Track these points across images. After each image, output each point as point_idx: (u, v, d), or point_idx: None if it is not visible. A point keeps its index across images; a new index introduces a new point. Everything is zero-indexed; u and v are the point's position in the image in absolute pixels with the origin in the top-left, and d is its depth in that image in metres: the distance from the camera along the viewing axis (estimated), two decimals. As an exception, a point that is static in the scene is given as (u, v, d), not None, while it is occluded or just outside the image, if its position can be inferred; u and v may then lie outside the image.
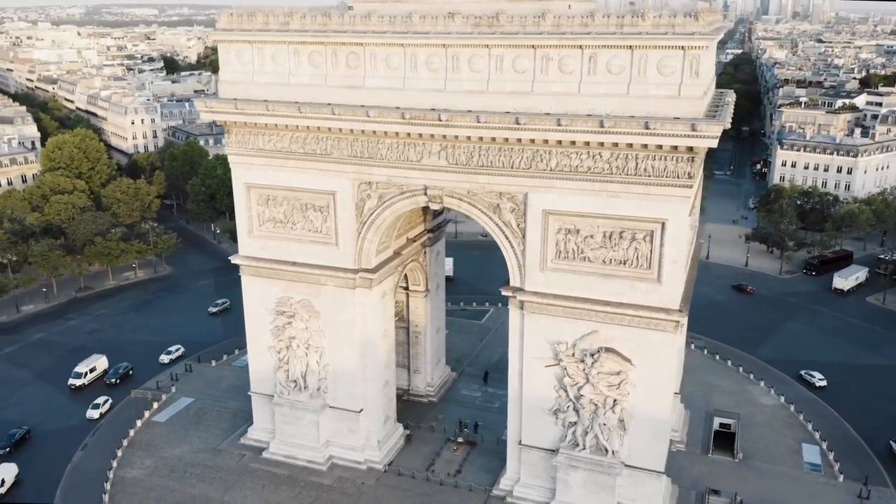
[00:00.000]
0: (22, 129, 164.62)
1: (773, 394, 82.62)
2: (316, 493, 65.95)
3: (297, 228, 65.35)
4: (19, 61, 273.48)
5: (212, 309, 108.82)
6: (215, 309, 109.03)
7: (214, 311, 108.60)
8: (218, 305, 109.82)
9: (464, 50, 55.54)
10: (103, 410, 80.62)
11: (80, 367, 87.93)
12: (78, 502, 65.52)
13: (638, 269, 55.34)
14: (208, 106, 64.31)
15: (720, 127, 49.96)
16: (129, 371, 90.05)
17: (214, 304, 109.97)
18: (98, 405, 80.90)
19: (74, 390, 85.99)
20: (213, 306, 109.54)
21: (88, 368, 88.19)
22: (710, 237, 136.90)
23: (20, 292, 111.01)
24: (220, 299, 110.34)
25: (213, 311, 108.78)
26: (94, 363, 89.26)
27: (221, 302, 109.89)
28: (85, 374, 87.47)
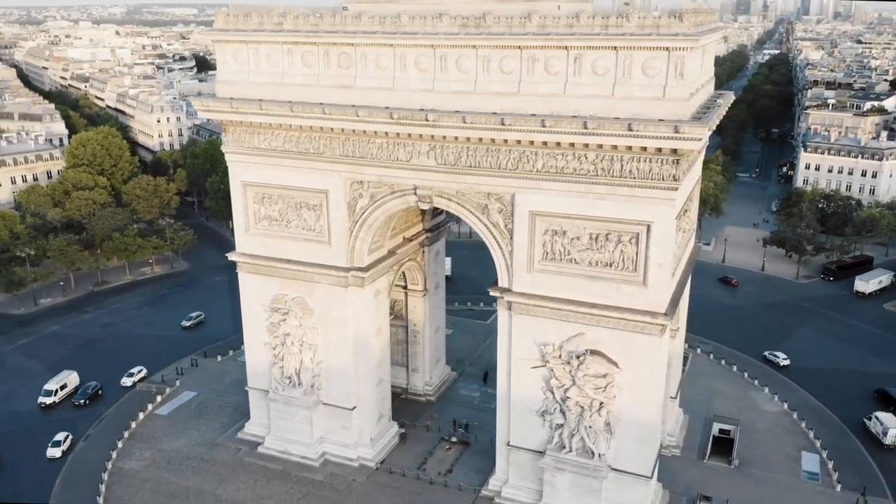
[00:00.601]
0: (50, 127, 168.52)
1: (776, 400, 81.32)
2: (307, 488, 66.63)
3: (291, 226, 66.09)
4: (54, 59, 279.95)
5: (185, 323, 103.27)
6: (189, 322, 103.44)
7: (188, 325, 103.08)
8: (192, 319, 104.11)
9: (451, 50, 55.70)
10: (65, 448, 73.67)
11: (50, 384, 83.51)
12: (76, 492, 67.02)
13: (624, 271, 54.98)
14: (205, 105, 65.38)
15: (704, 129, 49.42)
16: (99, 391, 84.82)
17: (188, 318, 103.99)
18: (59, 443, 73.77)
19: (45, 409, 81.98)
20: (187, 319, 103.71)
21: (59, 386, 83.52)
22: (727, 240, 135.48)
23: (39, 286, 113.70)
24: (195, 312, 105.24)
25: (187, 324, 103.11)
26: (65, 380, 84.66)
27: (196, 315, 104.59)
28: (55, 391, 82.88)
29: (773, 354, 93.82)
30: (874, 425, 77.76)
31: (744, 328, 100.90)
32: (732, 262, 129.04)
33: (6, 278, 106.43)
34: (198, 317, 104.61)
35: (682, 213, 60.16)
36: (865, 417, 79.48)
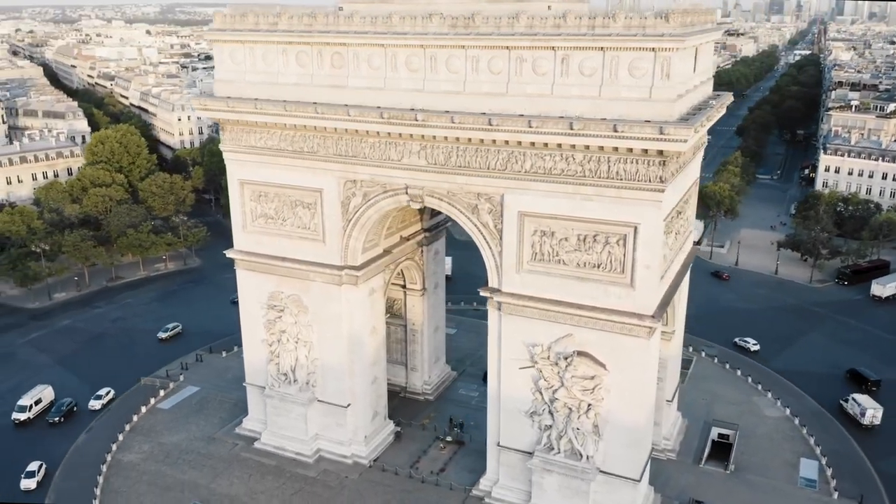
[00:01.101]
0: (73, 124, 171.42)
1: (779, 405, 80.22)
2: (299, 484, 67.21)
3: (286, 225, 66.71)
4: (82, 58, 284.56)
5: (161, 335, 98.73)
6: (165, 334, 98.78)
7: (164, 338, 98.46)
8: (168, 330, 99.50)
9: (441, 51, 55.83)
10: (40, 479, 69.04)
11: (24, 399, 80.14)
12: (75, 483, 68.26)
13: (611, 273, 54.72)
14: (202, 104, 66.27)
15: (689, 131, 48.99)
16: (73, 407, 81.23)
17: (164, 329, 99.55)
18: (32, 473, 69.10)
19: (18, 426, 78.55)
20: (164, 331, 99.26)
21: (33, 401, 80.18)
22: (742, 243, 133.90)
23: (54, 280, 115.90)
24: (172, 323, 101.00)
25: (163, 336, 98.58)
26: (40, 394, 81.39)
27: (172, 326, 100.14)
28: (29, 407, 79.51)
29: (743, 340, 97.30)
30: (852, 407, 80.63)
31: (752, 332, 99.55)
32: (746, 265, 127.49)
33: (21, 272, 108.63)
34: (174, 328, 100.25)
35: (675, 214, 59.72)
36: (842, 399, 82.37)
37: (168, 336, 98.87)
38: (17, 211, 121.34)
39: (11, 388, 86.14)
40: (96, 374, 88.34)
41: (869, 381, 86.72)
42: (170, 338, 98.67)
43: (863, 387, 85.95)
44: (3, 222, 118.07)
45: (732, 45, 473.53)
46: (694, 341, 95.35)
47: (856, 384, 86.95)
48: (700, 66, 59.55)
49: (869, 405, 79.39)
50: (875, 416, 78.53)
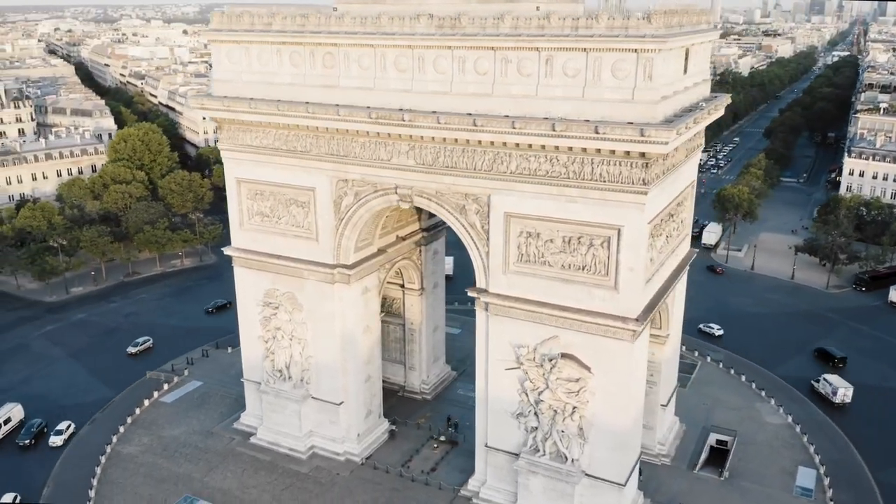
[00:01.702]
0: (100, 122, 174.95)
1: (781, 412, 78.88)
2: (291, 480, 67.90)
3: (281, 223, 67.43)
4: (115, 57, 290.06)
5: (131, 349, 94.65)
6: (135, 349, 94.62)
7: (134, 352, 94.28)
8: (138, 345, 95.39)
9: (428, 51, 56.01)
10: None
11: None
12: (74, 472, 69.73)
13: (596, 275, 54.39)
14: (200, 103, 67.34)
15: (670, 133, 48.47)
16: (44, 428, 76.96)
17: (134, 344, 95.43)
18: None
19: None
20: (133, 346, 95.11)
21: (2, 420, 76.70)
22: (759, 247, 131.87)
23: (73, 275, 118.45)
24: (142, 337, 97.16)
25: (133, 351, 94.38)
26: (9, 413, 77.61)
27: (143, 340, 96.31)
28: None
29: (707, 326, 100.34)
30: (823, 386, 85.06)
31: (762, 338, 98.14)
32: (762, 270, 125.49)
33: (39, 267, 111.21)
34: (144, 342, 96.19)
35: (666, 217, 59.18)
36: (814, 380, 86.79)
37: (138, 351, 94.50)
38: (38, 207, 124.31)
39: (23, 380, 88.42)
40: (105, 368, 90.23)
41: (835, 359, 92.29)
42: (140, 353, 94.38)
43: (830, 364, 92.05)
44: (24, 217, 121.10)
45: (768, 46, 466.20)
46: (700, 346, 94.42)
47: (823, 362, 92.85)
48: (693, 67, 58.90)
49: (840, 384, 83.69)
50: (846, 395, 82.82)
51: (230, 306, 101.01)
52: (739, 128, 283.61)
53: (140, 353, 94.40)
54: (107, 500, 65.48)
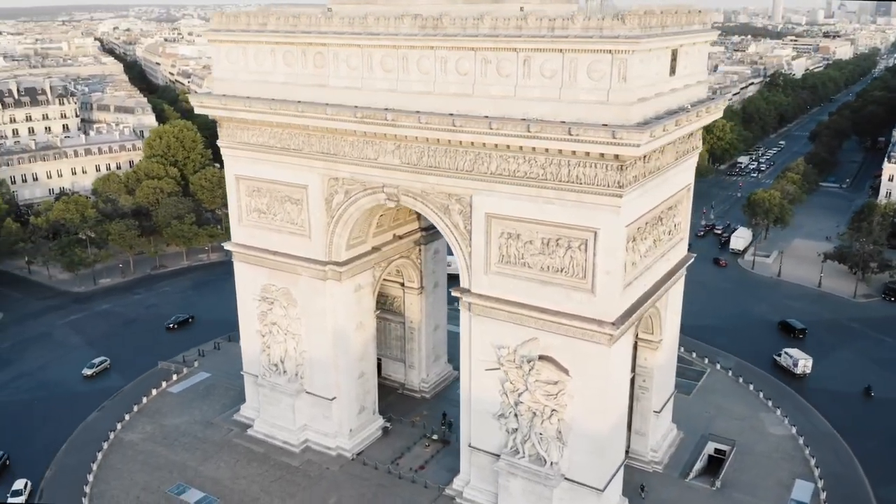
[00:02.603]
0: (141, 119, 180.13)
1: (786, 423, 76.84)
2: (281, 472, 69.06)
3: (276, 219, 68.62)
4: (165, 56, 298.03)
5: (87, 371, 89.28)
6: (91, 371, 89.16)
7: (90, 374, 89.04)
8: (94, 366, 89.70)
9: (412, 51, 56.34)
10: None
11: None
12: (77, 458, 72.09)
13: (573, 277, 53.99)
14: (199, 101, 69.01)
15: (643, 136, 47.76)
16: (6, 461, 72.57)
17: (90, 365, 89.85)
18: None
19: None
20: (89, 367, 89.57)
21: None
22: (787, 253, 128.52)
23: (102, 267, 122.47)
24: (99, 357, 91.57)
25: (89, 373, 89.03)
26: None
27: (99, 361, 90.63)
28: None
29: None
30: (784, 359, 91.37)
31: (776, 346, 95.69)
32: (788, 277, 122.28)
33: (68, 258, 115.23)
34: (101, 363, 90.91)
35: (653, 221, 58.40)
36: (775, 354, 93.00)
37: (93, 373, 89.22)
38: (72, 200, 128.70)
39: (41, 367, 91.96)
40: (120, 356, 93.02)
41: (796, 330, 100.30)
42: (95, 374, 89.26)
43: (791, 335, 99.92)
44: (58, 210, 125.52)
45: (825, 48, 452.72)
46: (710, 352, 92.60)
47: (786, 333, 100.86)
48: (684, 69, 57.80)
49: (800, 356, 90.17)
50: (806, 366, 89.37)
51: (193, 321, 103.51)
52: (788, 131, 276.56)
53: (97, 374, 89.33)
54: (103, 485, 67.65)
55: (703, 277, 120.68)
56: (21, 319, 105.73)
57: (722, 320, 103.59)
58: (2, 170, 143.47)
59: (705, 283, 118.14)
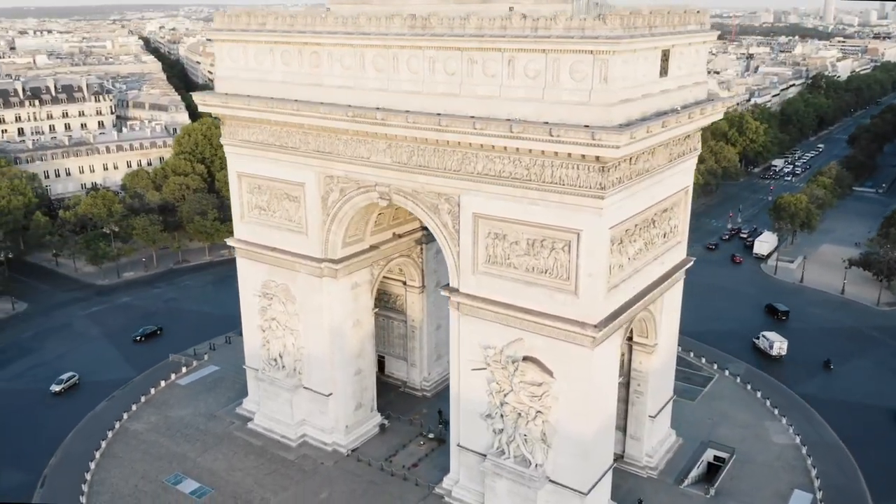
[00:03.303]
0: (174, 117, 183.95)
1: (791, 432, 75.22)
2: (276, 465, 70.02)
3: (276, 216, 69.58)
4: (205, 55, 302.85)
5: (55, 387, 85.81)
6: (59, 387, 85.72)
7: (58, 391, 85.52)
8: (62, 382, 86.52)
9: (402, 51, 56.65)
10: None
11: None
12: (83, 445, 73.96)
13: (557, 279, 53.73)
14: (202, 99, 70.31)
15: (622, 137, 47.22)
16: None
17: (58, 381, 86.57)
18: None
19: None
20: (57, 383, 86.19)
21: None
22: (806, 258, 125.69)
23: (127, 261, 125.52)
24: (67, 373, 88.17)
25: (57, 389, 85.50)
26: None
27: (67, 377, 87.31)
28: None
29: None
30: (762, 342, 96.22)
31: (792, 354, 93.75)
32: (811, 283, 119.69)
33: (92, 252, 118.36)
34: (69, 379, 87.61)
35: (644, 223, 57.80)
36: (754, 338, 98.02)
37: (61, 389, 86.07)
38: (99, 195, 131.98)
39: (58, 356, 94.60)
40: (133, 348, 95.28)
41: (779, 312, 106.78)
42: (63, 391, 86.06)
43: (775, 317, 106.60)
44: (86, 205, 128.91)
45: (874, 49, 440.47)
46: (719, 358, 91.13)
47: (771, 316, 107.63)
48: (679, 69, 57.03)
49: (776, 339, 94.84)
50: (781, 348, 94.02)
51: (161, 333, 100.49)
52: (829, 134, 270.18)
53: (64, 391, 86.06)
54: (104, 472, 69.39)
55: (720, 280, 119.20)
56: (45, 310, 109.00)
57: (736, 325, 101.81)
58: (36, 165, 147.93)
59: (723, 286, 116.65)
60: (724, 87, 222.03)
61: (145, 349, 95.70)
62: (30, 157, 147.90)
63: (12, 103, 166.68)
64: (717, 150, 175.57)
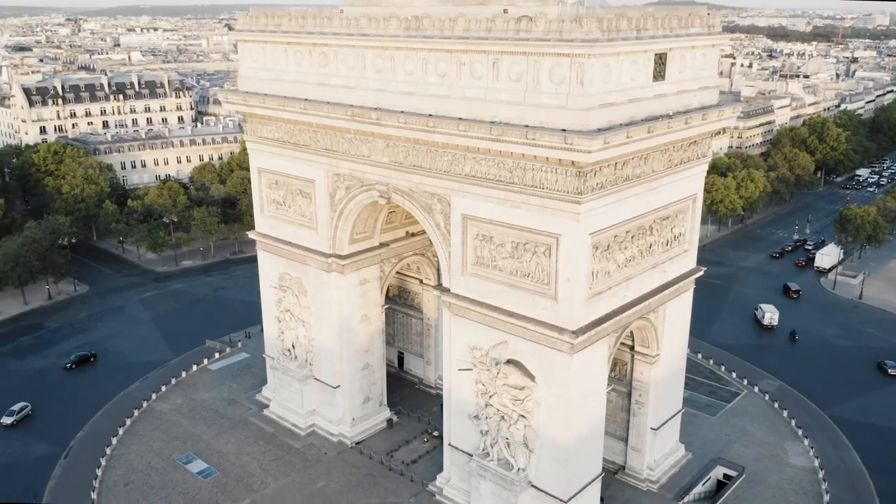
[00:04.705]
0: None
1: (810, 455, 71.82)
2: (282, 452, 72.26)
3: (290, 211, 71.82)
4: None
5: (6, 420, 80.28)
6: (10, 419, 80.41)
7: (9, 423, 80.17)
8: (14, 414, 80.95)
9: (398, 52, 57.55)
10: None
11: None
12: (109, 422, 78.04)
13: (539, 283, 53.45)
14: (225, 97, 73.31)
15: (594, 142, 46.53)
16: None
17: (10, 413, 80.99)
18: None
19: None
20: (8, 415, 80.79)
21: None
22: (868, 274, 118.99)
23: (188, 249, 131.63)
24: (19, 403, 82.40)
25: (9, 422, 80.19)
26: None
27: (20, 408, 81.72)
28: None
29: None
30: (759, 313, 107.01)
31: (829, 373, 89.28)
32: (872, 300, 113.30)
33: (152, 239, 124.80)
34: (22, 409, 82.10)
35: (639, 230, 56.55)
36: (754, 309, 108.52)
37: (13, 421, 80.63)
38: (166, 186, 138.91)
39: (106, 337, 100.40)
40: (176, 332, 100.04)
41: (792, 290, 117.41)
42: (15, 423, 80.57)
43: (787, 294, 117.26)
44: (153, 195, 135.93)
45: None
46: (752, 373, 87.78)
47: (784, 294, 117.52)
48: (680, 73, 55.58)
49: (768, 310, 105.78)
50: (773, 319, 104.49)
51: (94, 360, 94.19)
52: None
53: (16, 423, 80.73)
54: (123, 448, 73.37)
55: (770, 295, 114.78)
56: (103, 293, 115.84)
57: (776, 340, 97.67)
58: (113, 156, 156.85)
59: (771, 299, 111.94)
60: (810, 91, 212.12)
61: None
62: (108, 148, 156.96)
63: (98, 97, 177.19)
64: (792, 157, 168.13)
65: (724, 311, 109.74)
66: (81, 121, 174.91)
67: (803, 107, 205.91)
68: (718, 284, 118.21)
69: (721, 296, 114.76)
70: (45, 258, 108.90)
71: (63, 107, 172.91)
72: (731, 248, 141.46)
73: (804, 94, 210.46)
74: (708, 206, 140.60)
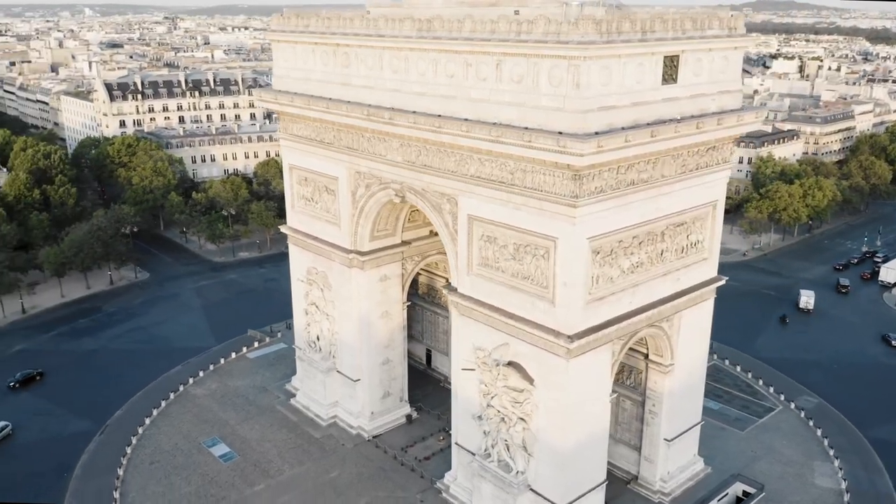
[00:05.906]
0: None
1: (838, 476, 68.68)
2: (301, 441, 74.28)
3: (317, 207, 73.70)
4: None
5: None
6: None
7: None
8: None
9: (412, 53, 58.36)
10: None
11: None
12: (147, 403, 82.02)
13: (538, 286, 53.34)
14: (258, 95, 75.76)
15: (587, 146, 46.12)
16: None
17: None
18: None
19: None
20: None
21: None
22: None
23: (246, 241, 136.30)
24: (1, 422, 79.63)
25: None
26: None
27: (1, 426, 79.04)
28: None
29: None
30: (798, 298, 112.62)
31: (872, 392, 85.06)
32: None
33: (211, 231, 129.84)
34: (3, 428, 79.25)
35: (648, 236, 55.52)
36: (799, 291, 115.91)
37: None
38: (230, 180, 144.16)
39: (157, 322, 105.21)
40: (222, 320, 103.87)
41: (839, 285, 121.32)
42: None
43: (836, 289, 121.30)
44: (216, 188, 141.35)
45: None
46: (793, 389, 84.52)
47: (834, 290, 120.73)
48: (695, 76, 54.25)
49: (804, 294, 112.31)
50: (808, 302, 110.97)
51: (40, 378, 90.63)
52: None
53: None
54: (154, 428, 76.99)
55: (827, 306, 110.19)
56: (161, 281, 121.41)
57: (823, 356, 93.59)
58: (184, 150, 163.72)
59: (827, 312, 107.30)
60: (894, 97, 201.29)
61: (235, 321, 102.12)
62: (180, 142, 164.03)
63: (175, 94, 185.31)
64: (868, 165, 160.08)
65: (772, 324, 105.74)
66: (159, 115, 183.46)
67: (888, 113, 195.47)
68: (772, 296, 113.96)
69: (771, 308, 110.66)
70: (107, 245, 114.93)
71: (142, 102, 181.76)
72: (793, 259, 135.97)
73: (889, 99, 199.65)
74: (770, 215, 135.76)
